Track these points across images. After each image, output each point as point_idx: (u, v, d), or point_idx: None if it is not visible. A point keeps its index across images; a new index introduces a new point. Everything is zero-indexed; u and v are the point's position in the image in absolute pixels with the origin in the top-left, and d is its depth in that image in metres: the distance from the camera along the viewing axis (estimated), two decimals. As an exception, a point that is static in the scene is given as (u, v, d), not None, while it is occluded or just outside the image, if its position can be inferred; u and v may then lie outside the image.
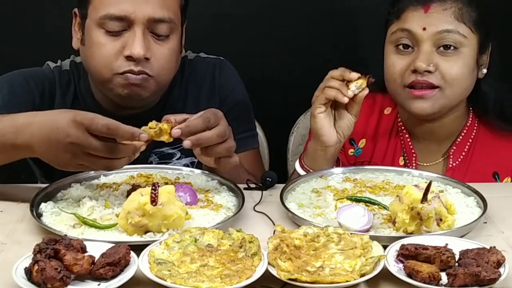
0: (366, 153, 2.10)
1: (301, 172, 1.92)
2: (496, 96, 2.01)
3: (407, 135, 2.07)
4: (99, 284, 1.33)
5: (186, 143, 1.67)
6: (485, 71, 1.99)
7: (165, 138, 1.67)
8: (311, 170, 1.90)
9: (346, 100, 1.82)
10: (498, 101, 2.01)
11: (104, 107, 1.99)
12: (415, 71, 1.91)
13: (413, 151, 2.05)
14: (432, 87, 1.91)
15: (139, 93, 1.90)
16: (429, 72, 1.90)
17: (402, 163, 2.06)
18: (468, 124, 2.05)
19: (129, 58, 1.86)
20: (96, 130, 1.56)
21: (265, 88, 2.33)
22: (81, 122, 1.57)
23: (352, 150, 2.11)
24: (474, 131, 2.04)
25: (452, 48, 1.91)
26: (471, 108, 2.06)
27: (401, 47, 1.94)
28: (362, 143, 2.11)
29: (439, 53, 1.91)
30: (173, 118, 1.68)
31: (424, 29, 1.90)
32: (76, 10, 1.97)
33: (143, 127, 1.65)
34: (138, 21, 1.85)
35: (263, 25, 2.70)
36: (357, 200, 1.70)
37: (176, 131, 1.66)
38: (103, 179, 1.82)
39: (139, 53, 1.85)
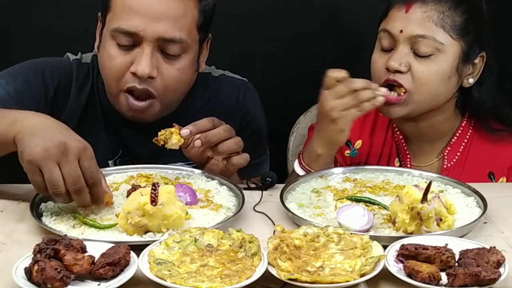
0: (362, 154, 2.10)
1: (301, 172, 1.92)
2: (492, 102, 2.00)
3: (401, 136, 2.07)
4: (99, 284, 1.33)
5: (197, 142, 1.73)
6: (471, 81, 1.97)
7: (176, 139, 1.72)
8: (312, 170, 1.90)
9: (383, 100, 1.84)
10: (494, 106, 2.00)
11: (117, 112, 1.99)
12: (388, 70, 1.92)
13: (407, 152, 2.06)
14: (401, 86, 1.90)
15: (143, 118, 1.92)
16: (400, 72, 1.90)
17: (397, 164, 2.06)
18: (463, 125, 2.04)
19: (134, 75, 1.85)
20: (89, 162, 1.53)
21: (265, 88, 2.32)
22: (85, 146, 1.55)
23: (348, 151, 2.11)
24: (469, 131, 2.04)
25: (426, 54, 1.90)
26: (467, 109, 2.05)
27: (383, 46, 1.95)
28: (358, 144, 2.11)
29: (414, 56, 1.90)
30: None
31: (401, 31, 1.90)
32: (99, 14, 1.96)
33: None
34: (147, 39, 1.83)
35: (263, 25, 2.70)
36: (357, 200, 1.70)
37: (185, 131, 1.73)
38: (103, 179, 1.82)
39: (143, 71, 1.83)
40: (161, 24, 1.83)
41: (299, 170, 1.93)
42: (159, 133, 1.75)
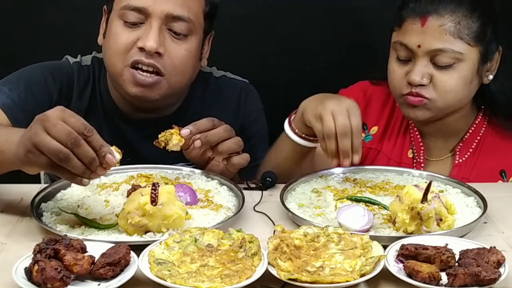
0: (375, 140, 2.11)
1: (292, 135, 1.87)
2: (509, 95, 2.00)
3: (415, 129, 2.08)
4: (99, 284, 1.33)
5: (197, 143, 1.73)
6: (491, 77, 1.98)
7: (176, 139, 1.72)
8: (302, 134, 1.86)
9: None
10: (510, 101, 2.00)
11: (120, 108, 1.99)
12: (410, 83, 1.91)
13: (421, 144, 2.06)
14: (425, 97, 1.91)
15: (148, 95, 1.90)
16: (423, 85, 1.90)
17: (410, 155, 2.06)
18: (476, 122, 2.04)
19: (141, 49, 1.86)
20: (74, 121, 1.44)
21: (265, 88, 2.32)
22: (62, 108, 1.48)
23: (363, 134, 2.10)
24: (483, 128, 2.04)
25: (446, 65, 1.89)
26: (482, 107, 2.05)
27: (399, 57, 1.95)
28: (373, 130, 2.12)
29: (435, 66, 1.90)
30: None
31: (419, 46, 1.89)
32: (105, 7, 1.98)
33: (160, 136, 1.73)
34: (156, 15, 1.85)
35: (263, 25, 2.70)
36: (357, 200, 1.70)
37: (185, 131, 1.73)
38: (103, 179, 1.81)
39: (151, 46, 1.84)
40: (170, 2, 1.86)
41: (292, 135, 1.88)
42: (160, 136, 1.75)
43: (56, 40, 2.62)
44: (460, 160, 2.03)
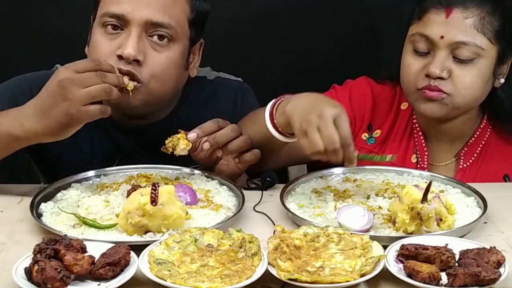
0: (378, 144, 2.09)
1: (272, 130, 1.80)
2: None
3: (420, 133, 2.06)
4: (99, 284, 1.33)
5: (205, 145, 1.74)
6: (502, 80, 1.97)
7: (184, 144, 1.72)
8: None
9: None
10: None
11: (111, 116, 1.97)
12: (428, 76, 1.90)
13: (425, 149, 2.05)
14: (444, 92, 1.90)
15: (128, 102, 1.83)
16: (442, 78, 1.88)
17: (414, 160, 2.05)
18: (481, 126, 2.03)
19: (120, 57, 1.82)
20: (83, 65, 1.63)
21: (265, 88, 2.32)
22: (66, 66, 1.64)
23: (366, 134, 2.09)
24: (488, 133, 2.03)
25: (467, 59, 1.88)
26: (486, 111, 2.04)
27: (418, 50, 1.93)
28: (376, 133, 2.09)
29: (454, 61, 1.89)
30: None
31: (442, 37, 1.88)
32: (92, 17, 1.96)
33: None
34: (135, 22, 1.82)
35: (263, 25, 2.70)
36: None
37: (192, 135, 1.74)
38: (103, 179, 1.82)
39: (129, 53, 1.80)
40: (149, 8, 1.83)
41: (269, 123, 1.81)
42: (167, 141, 1.74)
43: (56, 41, 2.62)
44: (465, 165, 2.02)
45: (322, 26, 2.71)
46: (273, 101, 1.81)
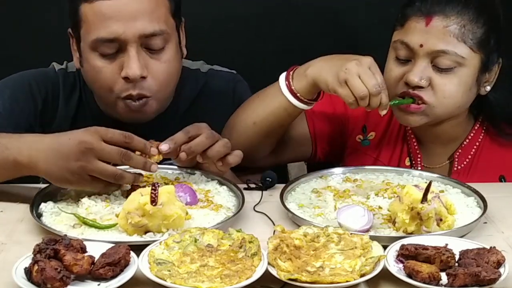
0: (373, 146, 2.07)
1: (290, 96, 1.87)
2: (506, 106, 1.96)
3: (412, 136, 2.04)
4: (99, 284, 1.33)
5: (182, 155, 1.72)
6: (488, 88, 1.93)
7: (155, 158, 1.69)
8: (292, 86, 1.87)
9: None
10: (508, 110, 1.97)
11: (107, 114, 1.98)
12: (407, 84, 1.87)
13: (418, 152, 2.03)
14: (424, 102, 1.87)
15: (141, 118, 1.90)
16: (421, 87, 1.85)
17: (408, 163, 2.03)
18: (475, 128, 2.01)
19: (126, 79, 1.84)
20: (112, 137, 1.60)
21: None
22: (95, 130, 1.61)
23: (360, 137, 2.08)
24: (481, 136, 2.01)
25: (447, 68, 1.85)
26: (479, 116, 2.02)
27: (399, 57, 1.90)
28: (371, 135, 2.08)
29: (434, 69, 1.86)
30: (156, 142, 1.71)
31: (421, 45, 1.84)
32: (70, 30, 1.95)
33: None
34: (130, 40, 1.81)
35: (263, 25, 2.70)
36: None
37: (164, 146, 1.70)
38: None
39: (135, 73, 1.82)
40: (138, 22, 1.82)
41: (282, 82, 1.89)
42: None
43: (56, 41, 2.61)
44: (459, 167, 2.00)
45: (322, 26, 2.71)
46: (284, 73, 1.89)
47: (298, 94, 1.86)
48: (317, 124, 2.05)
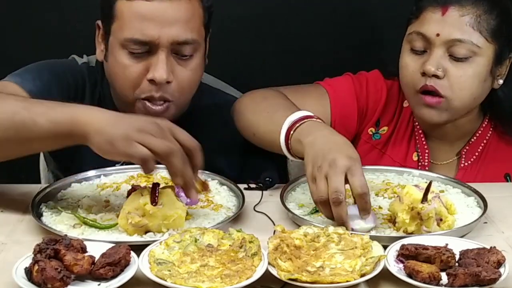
0: (383, 141, 2.08)
1: (287, 153, 1.76)
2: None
3: (421, 131, 2.05)
4: (99, 284, 1.33)
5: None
6: (501, 81, 1.95)
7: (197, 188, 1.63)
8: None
9: None
10: None
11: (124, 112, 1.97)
12: (424, 74, 1.89)
13: (425, 147, 2.04)
14: (440, 96, 1.89)
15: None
16: (437, 77, 1.87)
17: (415, 158, 2.04)
18: (483, 125, 2.02)
19: (151, 81, 1.84)
20: (185, 134, 1.55)
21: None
22: (173, 125, 1.57)
23: (373, 129, 2.08)
24: (489, 133, 2.02)
25: (463, 57, 1.87)
26: (487, 112, 2.03)
27: (415, 48, 1.92)
28: (383, 130, 2.08)
29: (450, 59, 1.88)
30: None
31: (438, 35, 1.87)
32: (99, 22, 1.94)
33: None
34: (163, 45, 1.81)
35: (263, 25, 2.70)
36: None
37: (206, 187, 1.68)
38: (103, 179, 1.82)
39: (161, 77, 1.82)
40: (174, 28, 1.82)
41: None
42: None
43: (56, 41, 2.62)
44: (466, 164, 2.01)
45: (322, 26, 2.71)
46: (291, 120, 1.74)
47: (295, 154, 1.75)
48: (339, 109, 2.03)
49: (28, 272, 1.32)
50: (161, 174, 1.84)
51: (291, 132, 1.73)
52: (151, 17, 1.81)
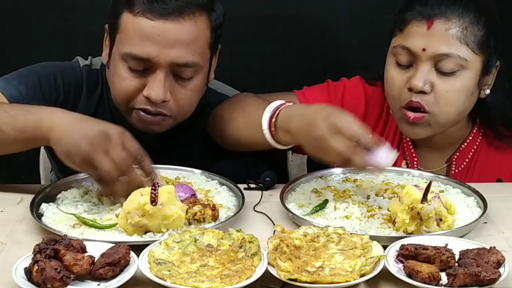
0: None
1: (271, 140, 1.78)
2: (503, 109, 1.95)
3: (408, 139, 2.02)
4: (99, 284, 1.33)
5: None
6: (488, 91, 1.92)
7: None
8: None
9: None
10: (505, 113, 1.96)
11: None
12: (410, 90, 1.85)
13: (414, 155, 2.02)
14: (425, 111, 1.86)
15: (154, 130, 1.90)
16: (424, 92, 1.84)
17: (404, 167, 2.00)
18: (473, 132, 2.00)
19: (147, 98, 1.83)
20: (129, 147, 1.61)
21: (265, 89, 2.33)
22: (123, 131, 1.63)
23: None
24: (479, 139, 2.00)
25: (451, 71, 1.84)
26: (477, 120, 2.01)
27: (400, 62, 1.88)
28: None
29: (437, 73, 1.85)
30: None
31: (424, 49, 1.83)
32: (107, 27, 1.93)
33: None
34: (161, 65, 1.80)
35: (263, 25, 2.70)
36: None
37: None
38: (103, 179, 1.82)
39: (157, 97, 1.81)
40: (174, 50, 1.80)
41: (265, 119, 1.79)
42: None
43: (56, 41, 2.62)
44: (456, 171, 1.99)
45: (322, 26, 2.71)
46: (268, 112, 1.77)
47: (280, 141, 1.77)
48: None
49: (28, 272, 1.33)
50: (161, 174, 1.84)
51: (273, 125, 1.76)
52: (152, 36, 1.79)
